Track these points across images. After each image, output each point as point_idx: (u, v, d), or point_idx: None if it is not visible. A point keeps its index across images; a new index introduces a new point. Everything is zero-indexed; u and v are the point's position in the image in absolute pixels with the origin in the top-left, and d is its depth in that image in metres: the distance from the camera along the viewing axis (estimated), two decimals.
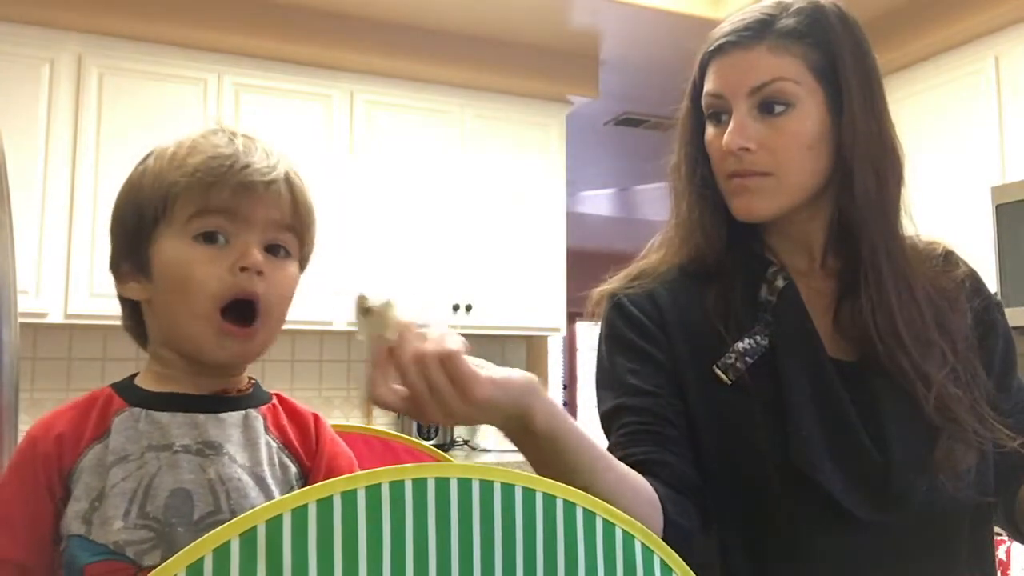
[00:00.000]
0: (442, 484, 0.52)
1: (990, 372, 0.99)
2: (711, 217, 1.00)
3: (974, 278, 1.05)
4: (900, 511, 0.89)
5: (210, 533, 0.48)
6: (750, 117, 0.94)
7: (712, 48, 0.98)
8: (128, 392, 0.78)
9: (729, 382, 0.93)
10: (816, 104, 0.94)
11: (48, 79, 3.08)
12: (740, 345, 0.94)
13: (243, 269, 0.76)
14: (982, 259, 2.84)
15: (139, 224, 0.78)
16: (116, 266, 0.81)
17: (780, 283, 0.97)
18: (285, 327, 0.83)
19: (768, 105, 0.93)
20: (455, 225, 3.67)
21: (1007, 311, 3.10)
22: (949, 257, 1.05)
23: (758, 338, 0.94)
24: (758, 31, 0.95)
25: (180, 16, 3.25)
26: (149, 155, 0.81)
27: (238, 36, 3.34)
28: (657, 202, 6.64)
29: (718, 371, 0.94)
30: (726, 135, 0.94)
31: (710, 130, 0.99)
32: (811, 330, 0.96)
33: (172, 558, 0.48)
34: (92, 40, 3.15)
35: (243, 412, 0.80)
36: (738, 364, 0.93)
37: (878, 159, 0.96)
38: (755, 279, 0.98)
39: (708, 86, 0.98)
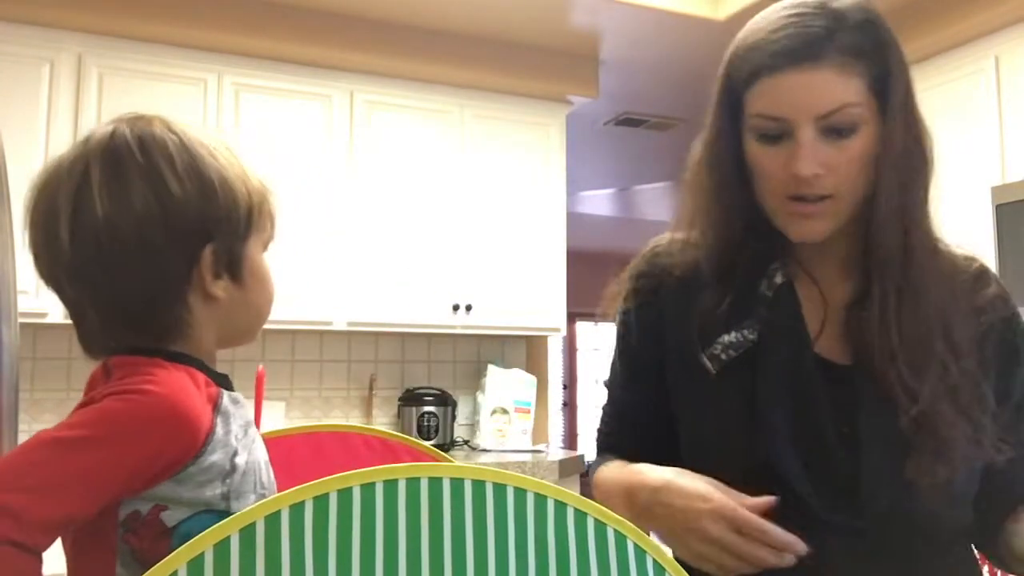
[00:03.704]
0: (435, 484, 0.53)
1: (1009, 397, 0.98)
2: (741, 236, 0.98)
3: (1004, 299, 1.02)
4: (865, 515, 0.89)
5: (210, 528, 0.49)
6: (817, 140, 0.90)
7: (765, 63, 0.91)
8: (212, 374, 0.82)
9: (714, 371, 0.95)
10: (872, 121, 0.92)
11: (48, 79, 3.09)
12: (727, 337, 0.95)
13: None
14: (982, 259, 2.84)
15: (232, 220, 0.81)
16: (198, 255, 0.80)
17: (779, 279, 0.98)
18: (285, 327, 0.88)
19: (837, 130, 0.90)
20: (455, 225, 3.67)
21: None
22: (982, 276, 1.03)
23: (746, 332, 0.95)
24: (818, 47, 0.89)
25: (180, 16, 3.26)
26: (203, 141, 0.81)
27: (238, 36, 3.34)
28: (657, 202, 6.65)
29: (704, 360, 0.95)
30: (800, 162, 0.90)
31: (762, 149, 0.94)
32: (799, 328, 0.96)
33: (172, 553, 0.48)
34: (92, 40, 3.15)
35: None
36: (723, 355, 0.95)
37: (904, 173, 0.94)
38: (757, 274, 0.98)
39: (763, 107, 0.92)
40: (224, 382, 0.83)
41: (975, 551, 1.02)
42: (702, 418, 0.96)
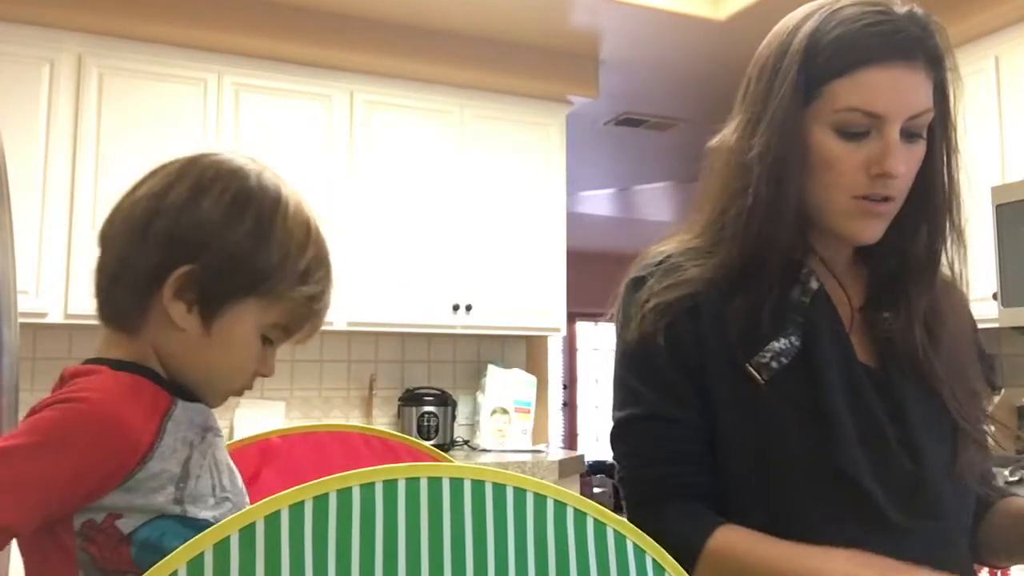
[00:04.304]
0: (435, 483, 0.53)
1: None
2: (789, 228, 0.95)
3: (968, 304, 1.09)
4: (931, 516, 0.91)
5: (210, 528, 0.49)
6: (899, 141, 0.91)
7: (872, 54, 0.89)
8: (165, 384, 0.82)
9: (763, 381, 0.93)
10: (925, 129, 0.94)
11: (48, 79, 3.09)
12: (776, 345, 0.93)
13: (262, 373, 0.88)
14: (982, 259, 2.84)
15: (233, 264, 0.81)
16: (176, 265, 0.80)
17: (813, 285, 0.97)
18: None
19: (911, 133, 0.92)
20: (455, 225, 3.67)
21: (1007, 311, 3.09)
22: (953, 283, 1.06)
23: (792, 339, 0.94)
24: (916, 47, 0.90)
25: (180, 16, 3.26)
26: (284, 201, 0.87)
27: (238, 36, 3.34)
28: (657, 202, 6.65)
29: (751, 369, 0.93)
30: (892, 159, 0.89)
31: (840, 145, 0.92)
32: (843, 335, 0.97)
33: (172, 553, 0.48)
34: (92, 40, 3.15)
35: None
36: (772, 363, 0.93)
37: (945, 179, 0.96)
38: (790, 279, 0.97)
39: (858, 100, 0.90)
40: (180, 392, 0.82)
41: None
42: (759, 426, 0.93)
